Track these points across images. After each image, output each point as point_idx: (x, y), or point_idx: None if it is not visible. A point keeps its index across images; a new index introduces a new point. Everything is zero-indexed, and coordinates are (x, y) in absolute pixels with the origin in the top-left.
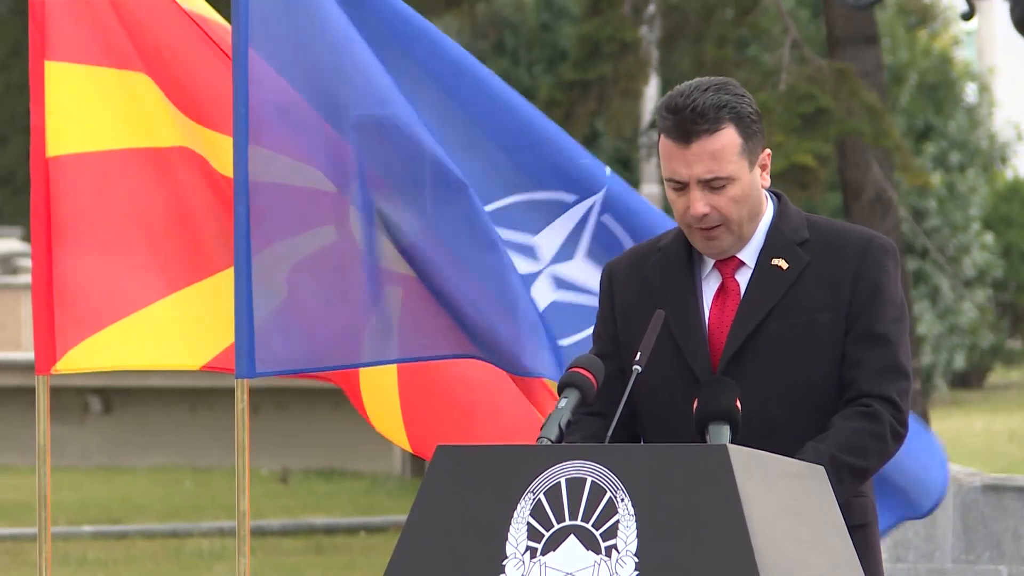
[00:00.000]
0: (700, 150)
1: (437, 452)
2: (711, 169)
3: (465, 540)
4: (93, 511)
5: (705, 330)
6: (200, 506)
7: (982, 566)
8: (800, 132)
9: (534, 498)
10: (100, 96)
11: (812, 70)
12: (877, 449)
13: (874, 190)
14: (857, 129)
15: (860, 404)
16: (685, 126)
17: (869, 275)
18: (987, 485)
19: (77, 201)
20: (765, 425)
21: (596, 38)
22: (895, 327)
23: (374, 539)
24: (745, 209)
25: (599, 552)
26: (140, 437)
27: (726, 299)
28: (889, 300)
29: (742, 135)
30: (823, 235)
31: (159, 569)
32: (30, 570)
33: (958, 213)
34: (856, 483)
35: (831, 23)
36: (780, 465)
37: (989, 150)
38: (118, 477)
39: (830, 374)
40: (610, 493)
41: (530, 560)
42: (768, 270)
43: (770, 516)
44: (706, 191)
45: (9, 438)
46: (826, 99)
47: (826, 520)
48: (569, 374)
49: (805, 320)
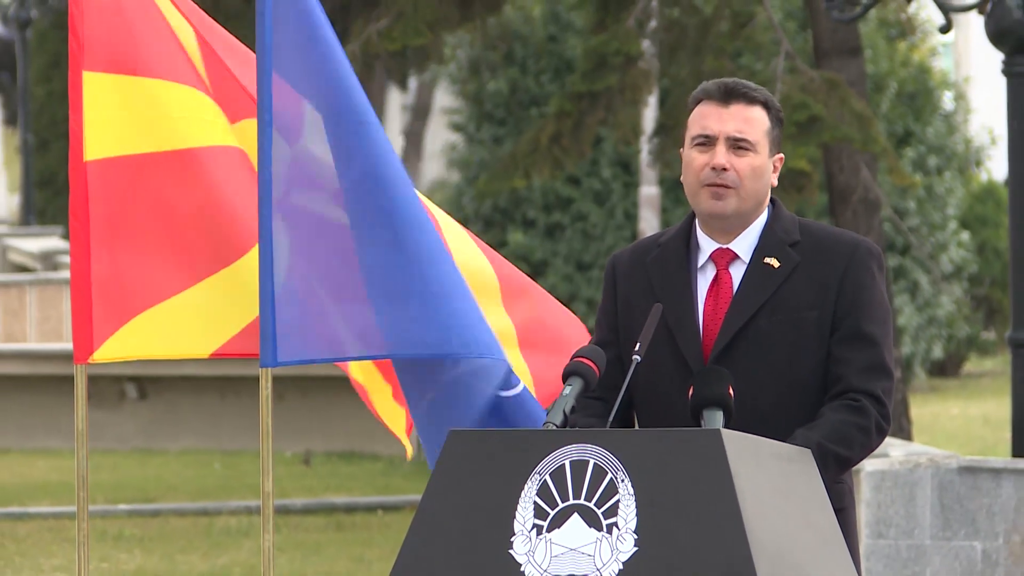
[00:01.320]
0: (737, 111)
1: (449, 436)
2: (741, 129)
3: (476, 518)
4: (129, 491)
5: (699, 323)
6: (228, 486)
7: (958, 542)
8: (795, 139)
9: (540, 479)
10: (132, 103)
11: (804, 80)
12: (861, 441)
13: (862, 192)
14: (848, 136)
15: (848, 398)
16: (728, 91)
17: (855, 277)
18: (963, 467)
19: (112, 201)
20: (752, 413)
21: (603, 52)
22: (880, 328)
23: (391, 517)
24: (755, 184)
25: (601, 529)
26: (173, 422)
27: (719, 293)
28: (874, 302)
29: (771, 121)
30: (814, 237)
31: (190, 545)
32: (70, 545)
33: (936, 213)
34: (840, 471)
35: (818, 36)
36: (770, 448)
37: (965, 154)
38: (152, 459)
39: (814, 368)
40: (611, 474)
41: (536, 537)
42: (760, 268)
43: (761, 495)
44: (731, 150)
45: (51, 423)
46: (818, 107)
47: (813, 499)
48: (573, 363)
49: (793, 317)
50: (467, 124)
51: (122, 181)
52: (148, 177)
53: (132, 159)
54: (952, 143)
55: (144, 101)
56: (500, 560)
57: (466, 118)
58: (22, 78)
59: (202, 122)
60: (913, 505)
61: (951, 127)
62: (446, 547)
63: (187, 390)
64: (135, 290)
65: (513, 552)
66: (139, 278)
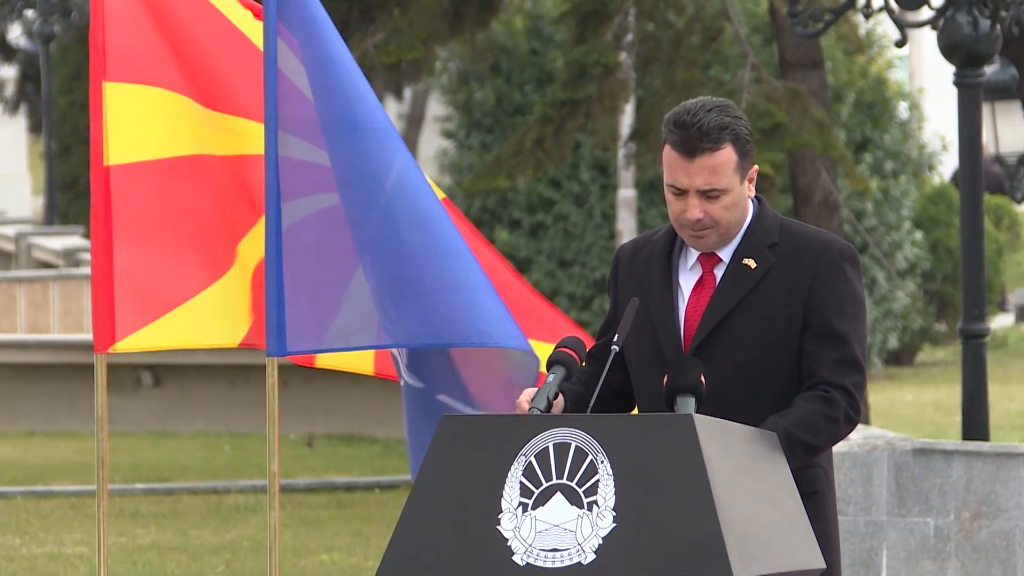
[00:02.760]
0: (702, 164)
1: (442, 421)
2: (709, 182)
3: (466, 497)
4: (144, 471)
5: (680, 318)
6: (237, 467)
7: (912, 519)
8: (759, 144)
9: (526, 460)
10: (150, 111)
11: (769, 90)
12: (829, 430)
13: (822, 194)
14: (808, 142)
15: (819, 390)
16: (691, 143)
17: (826, 277)
18: (917, 449)
19: (136, 203)
20: (726, 403)
21: (583, 63)
22: (851, 324)
23: (387, 495)
24: (733, 216)
25: (582, 507)
26: (185, 407)
27: (702, 291)
28: (845, 299)
29: (738, 154)
30: (792, 238)
31: (201, 521)
32: (90, 522)
33: (892, 214)
34: (806, 456)
35: (783, 49)
36: (738, 432)
37: (919, 159)
38: (166, 442)
39: (784, 362)
40: (591, 456)
41: (522, 514)
42: (739, 269)
43: (729, 475)
44: (702, 199)
45: (72, 408)
46: (781, 115)
47: (778, 480)
48: (556, 353)
49: (766, 315)
50: (457, 131)
51: (146, 184)
52: (169, 180)
53: (154, 164)
54: (907, 149)
55: (160, 109)
56: (488, 535)
57: (456, 126)
58: (46, 89)
59: (205, 132)
60: (871, 484)
61: (906, 134)
62: (438, 523)
63: (199, 377)
64: (162, 288)
65: (500, 528)
66: (164, 277)
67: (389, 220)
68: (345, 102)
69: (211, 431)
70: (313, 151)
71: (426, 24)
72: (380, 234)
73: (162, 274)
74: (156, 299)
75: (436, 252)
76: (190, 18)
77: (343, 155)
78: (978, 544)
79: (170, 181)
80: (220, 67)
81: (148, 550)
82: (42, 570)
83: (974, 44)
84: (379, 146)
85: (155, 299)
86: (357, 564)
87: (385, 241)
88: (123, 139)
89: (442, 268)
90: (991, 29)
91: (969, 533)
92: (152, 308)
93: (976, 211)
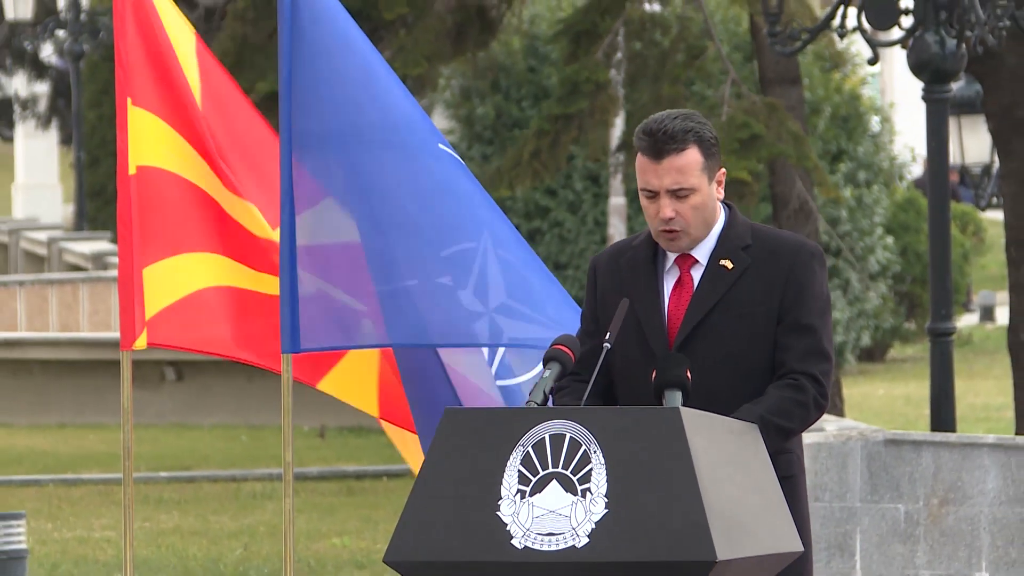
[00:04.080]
0: (669, 165)
1: (445, 414)
2: (677, 181)
3: (467, 484)
4: (168, 460)
5: (664, 317)
6: (254, 456)
7: (884, 504)
8: (738, 153)
9: (523, 450)
10: (160, 136)
11: (748, 104)
12: (800, 415)
13: (798, 201)
14: (784, 152)
15: (789, 378)
16: (658, 146)
17: (798, 276)
18: (888, 439)
19: (152, 206)
20: (709, 394)
21: (575, 80)
22: (819, 319)
23: (394, 483)
24: (702, 216)
25: (576, 494)
26: (206, 400)
27: (682, 291)
28: (814, 296)
29: (703, 155)
30: (763, 241)
31: (221, 507)
32: (116, 508)
33: (864, 220)
34: (781, 440)
35: (763, 67)
36: (722, 424)
37: (890, 169)
38: (187, 433)
39: (761, 355)
40: (585, 446)
41: (520, 500)
42: (716, 269)
43: (714, 464)
44: (672, 199)
45: (101, 401)
46: (759, 127)
47: (760, 468)
48: (552, 350)
49: (744, 312)
50: (460, 143)
51: (162, 190)
52: (183, 191)
53: (169, 174)
54: (879, 160)
55: (166, 137)
56: (489, 520)
57: (459, 138)
58: (76, 103)
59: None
60: (845, 472)
61: (878, 146)
62: (442, 509)
63: (218, 373)
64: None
65: (500, 514)
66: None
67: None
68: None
69: (230, 423)
70: (325, 163)
71: (430, 44)
72: (388, 239)
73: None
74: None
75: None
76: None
77: (355, 163)
78: (945, 528)
79: (184, 192)
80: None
81: (171, 534)
82: (72, 553)
83: (941, 62)
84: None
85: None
86: (366, 547)
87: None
88: (142, 149)
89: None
90: (957, 48)
91: (937, 518)
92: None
93: (943, 217)
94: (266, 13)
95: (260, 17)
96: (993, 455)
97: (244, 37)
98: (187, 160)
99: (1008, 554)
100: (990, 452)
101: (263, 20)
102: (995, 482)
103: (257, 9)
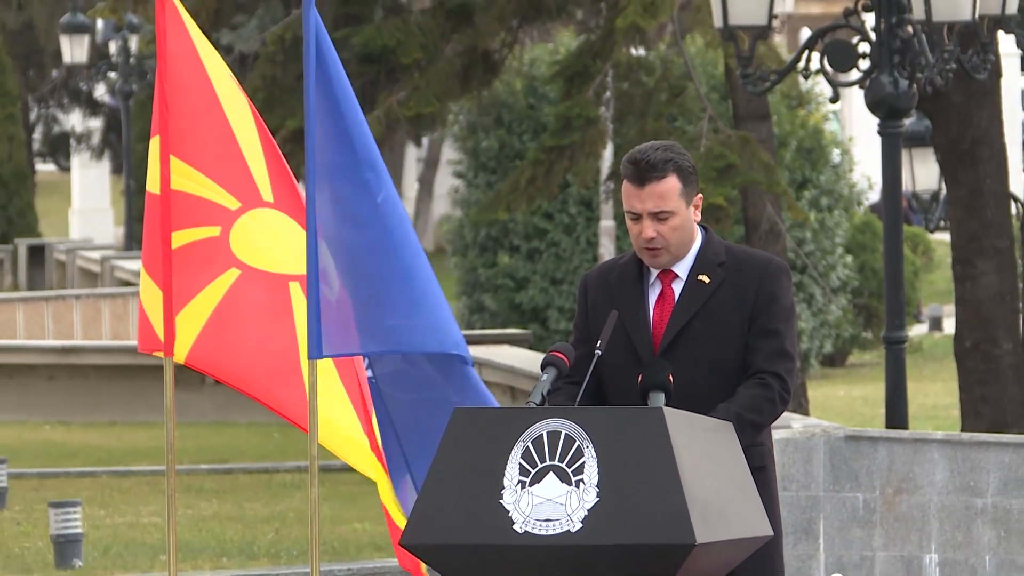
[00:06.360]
0: (651, 190)
1: (455, 412)
2: (658, 204)
3: (474, 476)
4: (207, 454)
5: (649, 326)
6: (284, 450)
7: (845, 494)
8: (715, 181)
9: (524, 445)
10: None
11: (723, 137)
12: (769, 410)
13: (768, 224)
14: (756, 180)
15: (757, 377)
16: (641, 174)
17: (767, 288)
18: (848, 436)
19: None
20: (690, 395)
21: (568, 115)
22: (784, 324)
23: None
24: (681, 236)
25: (571, 484)
26: (242, 401)
27: (664, 303)
28: (780, 305)
29: (682, 182)
30: (736, 258)
31: (255, 495)
32: (162, 496)
33: (827, 241)
34: (754, 433)
35: (736, 104)
36: (701, 422)
37: (849, 196)
38: (226, 430)
39: (736, 359)
40: (579, 442)
41: (521, 490)
42: (695, 283)
43: (694, 458)
44: (654, 221)
45: (148, 402)
46: (733, 158)
47: (734, 463)
48: (548, 356)
49: (720, 320)
50: (467, 172)
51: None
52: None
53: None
54: (839, 187)
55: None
56: (493, 508)
57: (466, 168)
58: (126, 137)
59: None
60: (810, 465)
61: (839, 175)
62: (451, 498)
63: None
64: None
65: (503, 502)
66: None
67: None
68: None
69: (263, 421)
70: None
71: (441, 84)
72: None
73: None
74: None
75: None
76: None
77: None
78: (899, 515)
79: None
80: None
81: (210, 520)
82: (122, 536)
83: (895, 100)
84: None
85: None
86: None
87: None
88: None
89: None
90: (909, 88)
91: (892, 506)
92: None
93: (897, 239)
94: (294, 55)
95: (288, 59)
96: (941, 450)
97: (273, 78)
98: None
99: (955, 537)
100: (939, 447)
101: (291, 63)
102: (943, 474)
103: (286, 53)
